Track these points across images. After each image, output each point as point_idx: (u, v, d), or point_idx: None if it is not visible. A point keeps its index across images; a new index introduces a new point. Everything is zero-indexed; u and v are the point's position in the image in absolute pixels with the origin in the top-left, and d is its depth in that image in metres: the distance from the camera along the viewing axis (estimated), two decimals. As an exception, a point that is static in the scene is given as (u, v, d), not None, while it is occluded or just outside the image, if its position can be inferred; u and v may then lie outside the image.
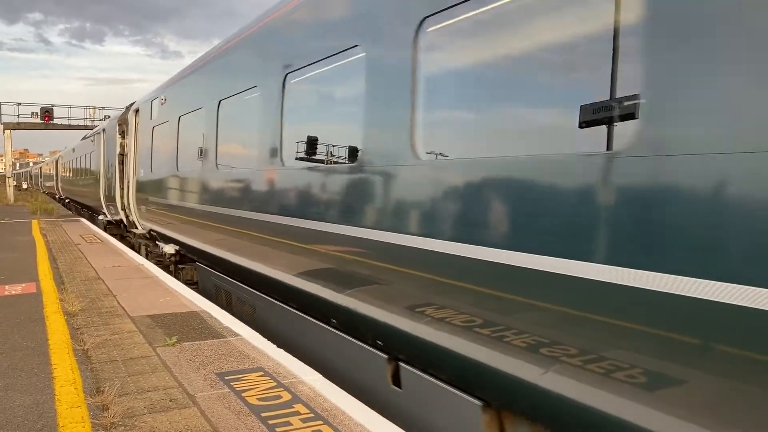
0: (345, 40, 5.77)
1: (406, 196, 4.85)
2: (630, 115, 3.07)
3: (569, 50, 3.59)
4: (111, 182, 19.20)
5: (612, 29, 3.24)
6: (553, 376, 3.52)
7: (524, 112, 3.96)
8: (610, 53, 3.25)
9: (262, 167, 7.50)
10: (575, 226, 3.32)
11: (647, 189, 2.94)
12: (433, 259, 4.44)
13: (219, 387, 5.08)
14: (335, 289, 5.87)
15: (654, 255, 2.90)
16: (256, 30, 8.17)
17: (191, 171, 10.61)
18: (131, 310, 7.92)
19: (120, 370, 5.54)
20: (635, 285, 2.98)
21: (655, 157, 2.90)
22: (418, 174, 4.67)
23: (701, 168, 2.71)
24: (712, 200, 2.69)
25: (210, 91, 9.76)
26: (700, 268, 2.71)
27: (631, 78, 3.07)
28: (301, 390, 5.01)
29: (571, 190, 3.39)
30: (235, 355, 5.99)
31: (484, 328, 3.99)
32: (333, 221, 5.80)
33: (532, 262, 3.58)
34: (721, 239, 2.64)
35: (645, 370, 2.99)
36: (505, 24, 4.01)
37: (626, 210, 3.04)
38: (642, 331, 2.98)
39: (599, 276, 3.17)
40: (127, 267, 11.89)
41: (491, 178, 4.02)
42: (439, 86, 4.66)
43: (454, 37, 4.50)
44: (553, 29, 3.65)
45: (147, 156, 14.07)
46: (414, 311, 4.71)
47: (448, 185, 4.40)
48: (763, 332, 2.50)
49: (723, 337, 2.66)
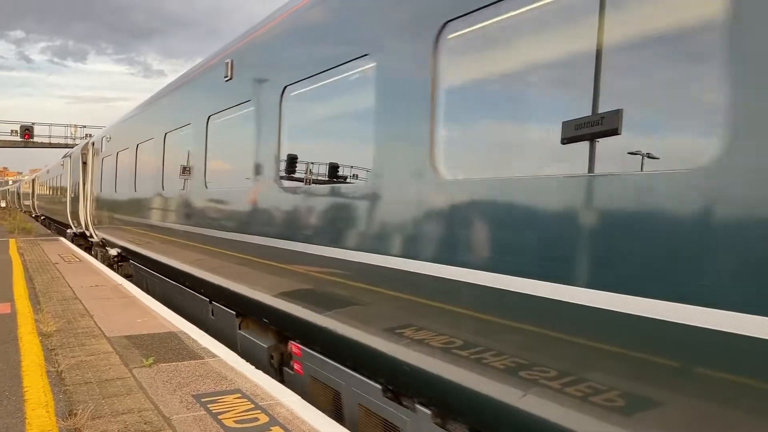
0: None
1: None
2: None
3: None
4: (75, 201, 22.49)
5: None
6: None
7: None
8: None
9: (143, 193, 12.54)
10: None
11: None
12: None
13: (195, 409, 5.00)
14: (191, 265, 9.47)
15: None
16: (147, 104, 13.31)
17: (124, 193, 14.36)
18: (108, 331, 7.80)
19: (94, 392, 5.43)
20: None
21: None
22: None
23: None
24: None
25: (134, 135, 13.60)
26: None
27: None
28: (279, 412, 4.94)
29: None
30: (213, 376, 5.90)
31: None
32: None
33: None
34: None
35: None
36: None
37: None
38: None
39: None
40: (105, 287, 11.73)
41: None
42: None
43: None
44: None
45: (98, 180, 18.01)
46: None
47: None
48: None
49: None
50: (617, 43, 3.14)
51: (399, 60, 4.58)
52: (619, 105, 3.04)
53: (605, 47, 3.15)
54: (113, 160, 15.66)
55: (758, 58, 2.46)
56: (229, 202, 8.01)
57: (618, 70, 3.15)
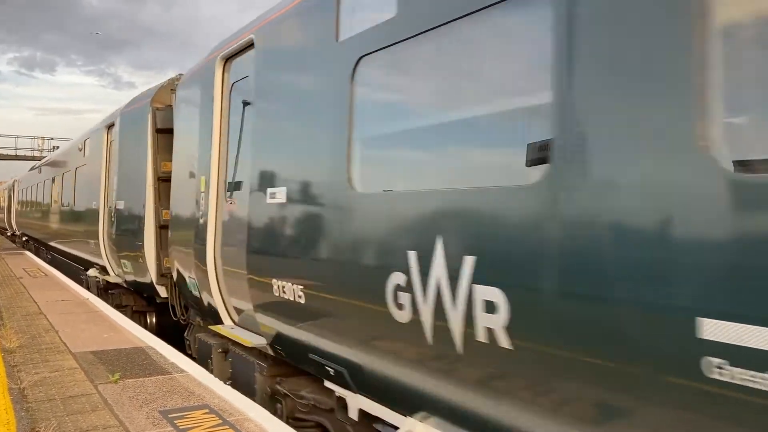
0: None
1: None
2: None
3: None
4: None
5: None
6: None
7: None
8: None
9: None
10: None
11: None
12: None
13: (162, 425, 4.94)
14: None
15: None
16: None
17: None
18: (73, 346, 7.66)
19: (58, 408, 5.33)
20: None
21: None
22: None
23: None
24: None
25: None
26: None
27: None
28: (247, 427, 4.90)
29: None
30: (180, 391, 5.84)
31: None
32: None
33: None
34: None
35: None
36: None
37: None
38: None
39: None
40: (71, 301, 11.52)
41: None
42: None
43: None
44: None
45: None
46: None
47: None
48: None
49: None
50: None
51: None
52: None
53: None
54: (38, 187, 21.18)
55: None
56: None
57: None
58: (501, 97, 3.74)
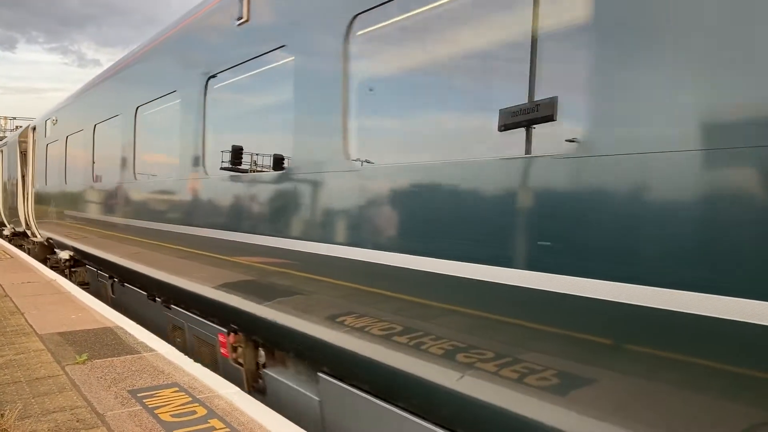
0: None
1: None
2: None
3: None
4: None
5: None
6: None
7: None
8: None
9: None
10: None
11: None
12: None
13: (130, 405, 4.90)
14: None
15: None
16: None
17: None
18: (40, 328, 7.54)
19: (24, 391, 5.25)
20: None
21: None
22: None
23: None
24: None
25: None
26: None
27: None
28: (217, 404, 4.89)
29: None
30: (150, 370, 5.79)
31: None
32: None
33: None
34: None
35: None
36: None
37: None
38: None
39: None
40: (37, 283, 11.32)
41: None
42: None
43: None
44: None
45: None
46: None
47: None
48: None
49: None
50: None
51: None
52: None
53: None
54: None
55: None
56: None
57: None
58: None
